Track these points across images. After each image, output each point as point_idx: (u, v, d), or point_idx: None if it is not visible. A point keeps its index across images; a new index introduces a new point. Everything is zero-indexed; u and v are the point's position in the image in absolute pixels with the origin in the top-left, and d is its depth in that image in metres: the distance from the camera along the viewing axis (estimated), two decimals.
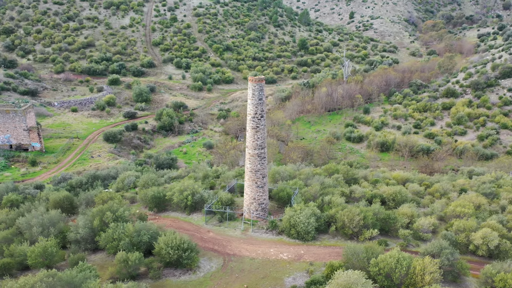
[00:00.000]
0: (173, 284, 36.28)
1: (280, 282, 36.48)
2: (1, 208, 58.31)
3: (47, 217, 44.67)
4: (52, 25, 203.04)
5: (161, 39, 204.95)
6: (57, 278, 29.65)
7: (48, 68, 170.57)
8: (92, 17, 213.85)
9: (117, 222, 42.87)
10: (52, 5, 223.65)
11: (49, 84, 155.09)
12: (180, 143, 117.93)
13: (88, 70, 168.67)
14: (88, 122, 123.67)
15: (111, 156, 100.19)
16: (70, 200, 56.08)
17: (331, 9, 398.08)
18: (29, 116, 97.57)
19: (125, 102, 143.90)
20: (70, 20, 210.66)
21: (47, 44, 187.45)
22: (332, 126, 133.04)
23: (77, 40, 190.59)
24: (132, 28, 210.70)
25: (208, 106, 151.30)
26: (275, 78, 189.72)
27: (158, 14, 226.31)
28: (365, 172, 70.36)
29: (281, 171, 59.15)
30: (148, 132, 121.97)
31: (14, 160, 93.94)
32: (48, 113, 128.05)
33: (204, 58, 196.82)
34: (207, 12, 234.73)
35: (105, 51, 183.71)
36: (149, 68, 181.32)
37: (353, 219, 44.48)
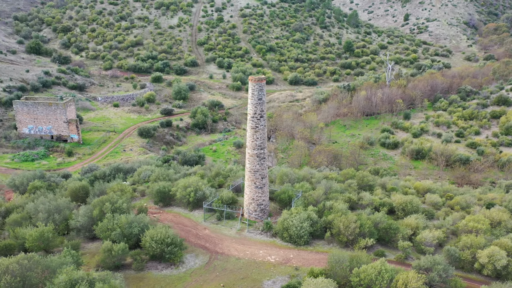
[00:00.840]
0: (153, 277, 36.95)
1: (258, 284, 36.01)
2: (27, 193, 62.59)
3: (54, 204, 47.14)
4: (105, 24, 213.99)
5: (206, 39, 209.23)
6: (34, 261, 31.20)
7: (98, 65, 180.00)
8: (143, 17, 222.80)
9: (115, 213, 44.43)
10: (108, 5, 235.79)
11: (97, 80, 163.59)
12: (211, 141, 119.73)
13: (134, 68, 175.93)
14: (126, 117, 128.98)
15: (142, 150, 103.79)
16: (86, 190, 58.64)
17: (385, 10, 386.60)
18: (69, 109, 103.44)
19: (164, 99, 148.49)
20: (123, 20, 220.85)
21: (100, 42, 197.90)
22: (368, 131, 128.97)
23: (127, 39, 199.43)
24: (179, 28, 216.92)
25: (245, 105, 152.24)
26: (316, 80, 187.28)
27: (206, 15, 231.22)
28: (384, 179, 67.57)
29: (289, 173, 58.31)
30: (182, 129, 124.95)
31: (53, 150, 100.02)
32: (92, 108, 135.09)
33: (246, 58, 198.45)
34: (253, 13, 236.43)
35: (151, 50, 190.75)
36: (192, 67, 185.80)
37: (349, 226, 42.89)
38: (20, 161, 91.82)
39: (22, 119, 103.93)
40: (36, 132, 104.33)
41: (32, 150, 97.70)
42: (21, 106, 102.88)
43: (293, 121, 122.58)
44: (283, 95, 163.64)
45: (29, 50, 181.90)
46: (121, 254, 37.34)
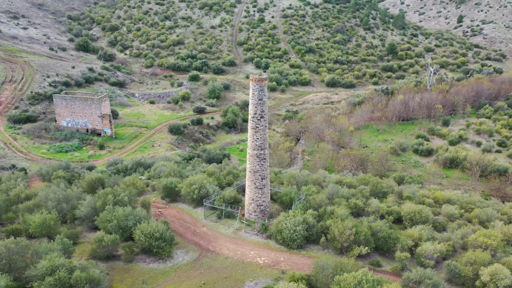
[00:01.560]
0: (139, 269, 37.86)
1: (239, 285, 35.90)
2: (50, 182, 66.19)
3: (63, 193, 49.53)
4: (150, 24, 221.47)
5: (246, 39, 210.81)
6: (21, 246, 32.98)
7: (140, 63, 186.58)
8: (186, 17, 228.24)
9: (116, 205, 45.96)
10: (154, 5, 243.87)
11: (137, 77, 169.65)
12: (239, 140, 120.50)
13: (173, 66, 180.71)
14: (160, 114, 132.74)
15: (169, 147, 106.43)
16: (101, 182, 61.03)
17: (438, 12, 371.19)
18: (103, 104, 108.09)
19: (199, 98, 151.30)
20: (167, 20, 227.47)
21: (143, 41, 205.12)
22: (401, 137, 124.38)
23: (169, 38, 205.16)
24: (220, 28, 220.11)
25: (278, 106, 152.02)
26: (355, 82, 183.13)
27: (247, 15, 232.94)
28: (402, 187, 64.85)
29: (296, 175, 57.50)
30: (212, 127, 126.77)
31: (87, 143, 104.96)
32: (129, 104, 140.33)
33: (285, 59, 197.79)
34: (295, 13, 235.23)
35: (192, 49, 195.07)
36: (229, 67, 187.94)
37: (344, 233, 41.70)
38: (55, 152, 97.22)
39: (61, 112, 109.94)
40: (73, 125, 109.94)
41: (68, 142, 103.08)
42: (60, 100, 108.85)
43: (322, 123, 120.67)
44: (318, 97, 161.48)
45: (78, 47, 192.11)
46: (111, 245, 38.58)
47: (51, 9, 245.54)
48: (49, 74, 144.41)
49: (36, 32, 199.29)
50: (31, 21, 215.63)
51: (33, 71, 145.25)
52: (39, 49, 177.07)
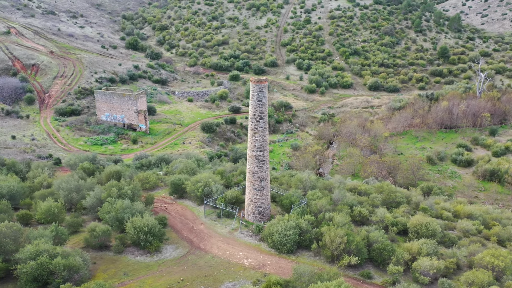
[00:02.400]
0: (125, 261, 39.11)
1: (217, 284, 36.04)
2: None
3: (75, 184, 52.23)
4: (198, 24, 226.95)
5: (290, 40, 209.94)
6: (14, 230, 35.26)
7: (184, 62, 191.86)
8: (233, 17, 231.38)
9: (119, 198, 47.77)
10: (203, 5, 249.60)
11: (180, 76, 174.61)
12: (270, 142, 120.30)
13: (215, 66, 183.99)
14: (196, 112, 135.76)
15: (199, 144, 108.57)
16: (119, 175, 63.70)
17: (503, 14, 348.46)
18: (140, 101, 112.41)
19: (236, 97, 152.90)
20: (214, 20, 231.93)
21: (190, 41, 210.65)
22: (441, 145, 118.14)
23: (215, 38, 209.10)
24: (266, 28, 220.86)
25: (315, 109, 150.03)
26: (399, 87, 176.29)
27: (294, 16, 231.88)
28: (419, 198, 61.64)
29: (304, 179, 56.51)
30: (245, 127, 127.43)
31: (122, 137, 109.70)
32: (168, 101, 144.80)
33: (328, 61, 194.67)
34: (343, 15, 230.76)
35: (235, 49, 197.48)
36: (271, 67, 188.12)
37: (334, 240, 40.52)
38: (91, 144, 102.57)
39: (101, 107, 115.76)
40: (111, 120, 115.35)
41: (104, 136, 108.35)
42: (100, 95, 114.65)
43: (356, 127, 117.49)
44: (358, 100, 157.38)
45: (128, 45, 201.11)
46: (102, 235, 40.20)
47: (108, 9, 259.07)
48: (97, 70, 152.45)
49: (91, 31, 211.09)
50: (88, 20, 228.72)
51: (83, 67, 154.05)
52: (92, 46, 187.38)
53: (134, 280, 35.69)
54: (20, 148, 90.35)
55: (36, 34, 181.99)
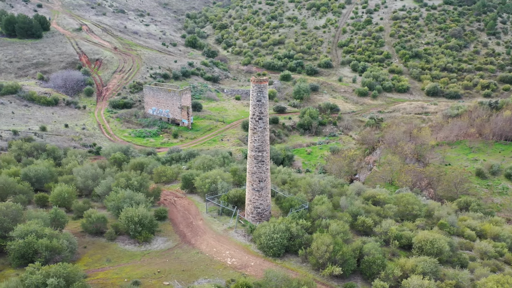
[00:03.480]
0: (113, 248, 40.91)
1: (191, 279, 36.49)
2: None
3: (92, 172, 55.56)
4: (256, 23, 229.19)
5: (348, 41, 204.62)
6: (13, 209, 38.41)
7: (239, 60, 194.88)
8: (292, 17, 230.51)
9: (127, 188, 50.03)
10: (264, 5, 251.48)
11: (232, 74, 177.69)
12: (310, 143, 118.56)
13: (268, 65, 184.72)
14: (241, 110, 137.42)
15: (237, 142, 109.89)
16: (142, 166, 66.86)
17: None
18: (184, 97, 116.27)
19: (284, 97, 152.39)
20: (273, 19, 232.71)
21: (246, 40, 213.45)
22: (498, 158, 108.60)
23: (271, 38, 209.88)
24: (324, 28, 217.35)
25: (363, 112, 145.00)
26: (461, 93, 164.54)
27: (355, 16, 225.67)
28: (441, 213, 57.22)
29: (313, 183, 55.05)
30: (287, 127, 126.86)
31: (164, 131, 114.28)
32: (216, 98, 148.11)
33: (385, 63, 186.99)
34: (407, 15, 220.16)
35: (290, 49, 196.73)
36: (324, 68, 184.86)
37: (320, 248, 39.19)
38: (134, 136, 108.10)
39: (148, 101, 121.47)
40: (157, 114, 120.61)
41: (148, 129, 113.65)
42: (148, 90, 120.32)
43: (401, 134, 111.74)
44: (413, 105, 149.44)
45: (187, 43, 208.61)
46: (96, 222, 42.40)
47: (174, 8, 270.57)
48: (153, 66, 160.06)
49: (155, 29, 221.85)
50: (154, 18, 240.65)
51: (141, 63, 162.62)
52: (153, 43, 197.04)
53: (114, 267, 37.27)
54: (69, 136, 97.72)
55: (104, 31, 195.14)
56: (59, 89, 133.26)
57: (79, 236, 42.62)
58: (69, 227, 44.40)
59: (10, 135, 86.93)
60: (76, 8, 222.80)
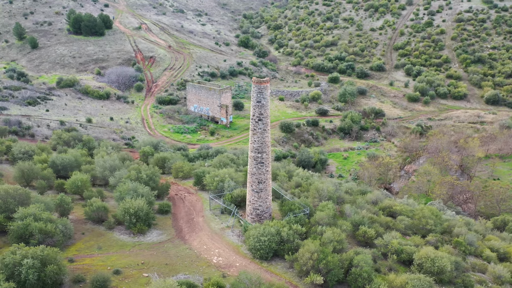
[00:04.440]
0: (108, 237, 42.84)
1: (171, 274, 37.29)
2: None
3: (109, 163, 58.51)
4: (311, 24, 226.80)
5: (405, 43, 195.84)
6: (20, 193, 41.62)
7: (289, 61, 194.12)
8: (348, 18, 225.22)
9: (136, 181, 52.15)
10: (321, 6, 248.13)
11: (280, 74, 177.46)
12: (349, 148, 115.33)
13: (317, 67, 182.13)
14: (283, 111, 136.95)
15: (273, 143, 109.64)
16: (163, 161, 69.34)
17: None
18: (224, 95, 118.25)
19: (329, 100, 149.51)
20: (329, 20, 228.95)
21: (299, 40, 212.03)
22: None
23: (324, 39, 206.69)
24: (380, 30, 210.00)
25: (411, 119, 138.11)
26: None
27: (415, 18, 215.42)
28: (461, 230, 53.06)
29: (321, 189, 53.56)
30: (327, 131, 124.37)
31: (203, 128, 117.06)
32: None
33: (443, 68, 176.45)
34: (473, 17, 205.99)
35: (342, 51, 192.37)
36: (376, 72, 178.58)
37: (304, 255, 38.28)
38: (173, 131, 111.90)
39: (191, 99, 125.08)
40: (198, 111, 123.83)
41: (187, 125, 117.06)
42: (191, 87, 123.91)
43: (447, 144, 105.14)
44: (468, 114, 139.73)
45: (239, 43, 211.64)
46: (97, 210, 44.66)
47: (231, 8, 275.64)
48: (202, 65, 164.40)
49: (210, 28, 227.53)
50: (211, 18, 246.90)
51: (191, 61, 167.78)
52: (207, 43, 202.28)
53: (102, 255, 39.09)
54: (111, 128, 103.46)
55: (161, 29, 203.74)
56: (112, 84, 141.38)
57: (82, 223, 45.21)
58: (76, 213, 47.18)
59: (57, 125, 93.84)
60: (139, 7, 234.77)
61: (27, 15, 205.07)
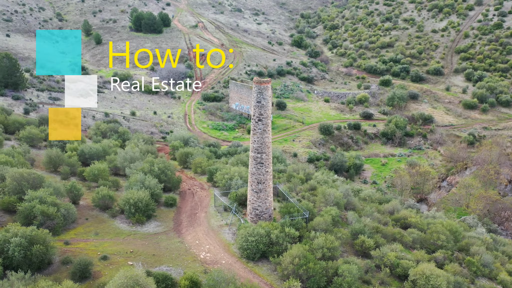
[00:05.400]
0: (109, 224, 45.17)
1: (155, 264, 38.58)
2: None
3: (130, 155, 61.50)
4: (368, 25, 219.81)
5: (468, 46, 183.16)
6: (33, 177, 45.27)
7: (341, 62, 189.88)
8: (409, 19, 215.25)
9: (149, 173, 54.46)
10: (382, 6, 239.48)
11: (330, 75, 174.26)
12: (389, 154, 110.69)
13: (370, 68, 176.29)
14: (326, 113, 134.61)
15: (307, 144, 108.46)
16: (186, 156, 71.54)
17: None
18: None
19: (376, 103, 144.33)
20: (388, 21, 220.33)
21: (354, 41, 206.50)
22: None
23: (380, 40, 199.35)
24: (443, 32, 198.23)
25: (464, 127, 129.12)
26: None
27: (484, 19, 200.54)
28: (479, 249, 49.05)
29: (327, 194, 52.18)
30: (369, 135, 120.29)
31: (241, 126, 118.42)
32: (305, 99, 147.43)
33: (510, 74, 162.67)
34: None
35: (398, 53, 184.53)
36: (433, 75, 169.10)
37: (286, 258, 37.86)
38: (211, 128, 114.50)
39: (233, 97, 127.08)
40: (239, 109, 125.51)
41: (226, 122, 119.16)
42: (233, 85, 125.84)
43: (498, 156, 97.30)
44: None
45: (293, 43, 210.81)
46: (103, 198, 47.28)
47: (290, 7, 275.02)
48: (251, 63, 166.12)
49: (265, 27, 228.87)
50: (267, 17, 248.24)
51: (241, 60, 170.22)
52: (260, 42, 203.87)
53: (97, 240, 41.41)
54: (153, 122, 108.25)
55: (217, 28, 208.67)
56: (163, 80, 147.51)
57: (89, 209, 48.13)
58: (87, 200, 50.24)
59: (102, 116, 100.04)
60: (198, 6, 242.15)
61: (96, 13, 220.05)
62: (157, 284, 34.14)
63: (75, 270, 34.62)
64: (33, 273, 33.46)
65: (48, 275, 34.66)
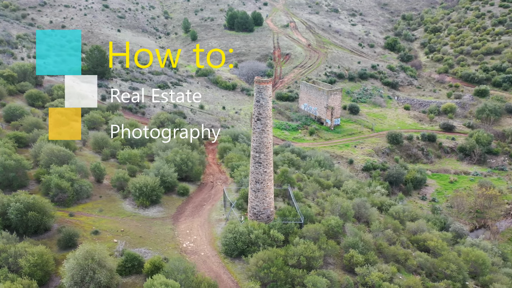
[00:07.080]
0: (117, 204, 49.21)
1: (137, 246, 41.18)
2: None
3: (165, 144, 65.75)
4: (476, 28, 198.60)
5: None
6: (66, 154, 51.38)
7: (435, 68, 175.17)
8: None
9: (170, 162, 57.95)
10: (496, 8, 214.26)
11: (419, 82, 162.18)
12: (462, 172, 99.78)
13: (466, 76, 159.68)
14: (401, 121, 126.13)
15: (369, 152, 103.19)
16: (225, 150, 73.96)
17: None
18: (332, 97, 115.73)
19: (464, 115, 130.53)
20: (501, 24, 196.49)
21: (455, 46, 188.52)
22: None
23: (486, 45, 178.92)
24: None
25: None
26: None
27: None
28: (496, 276, 42.41)
29: (334, 203, 49.68)
30: (444, 149, 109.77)
31: (305, 127, 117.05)
32: (383, 104, 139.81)
33: None
34: None
35: (505, 60, 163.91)
36: None
37: (251, 260, 37.75)
38: (274, 127, 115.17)
39: (302, 97, 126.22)
40: (307, 110, 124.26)
41: (290, 122, 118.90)
42: (303, 86, 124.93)
43: None
44: None
45: (385, 46, 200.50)
46: (117, 180, 51.65)
47: (392, 8, 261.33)
48: (333, 65, 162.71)
49: (359, 29, 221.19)
50: (364, 18, 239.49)
51: (324, 61, 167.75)
52: (349, 43, 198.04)
53: (98, 216, 45.65)
54: (218, 116, 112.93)
55: (307, 28, 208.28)
56: (242, 77, 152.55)
57: (108, 188, 53.00)
58: (105, 179, 55.08)
59: (171, 107, 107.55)
60: (295, 6, 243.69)
61: (197, 12, 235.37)
62: (125, 263, 36.94)
63: (60, 239, 38.99)
64: (28, 236, 38.63)
65: (40, 239, 39.52)
